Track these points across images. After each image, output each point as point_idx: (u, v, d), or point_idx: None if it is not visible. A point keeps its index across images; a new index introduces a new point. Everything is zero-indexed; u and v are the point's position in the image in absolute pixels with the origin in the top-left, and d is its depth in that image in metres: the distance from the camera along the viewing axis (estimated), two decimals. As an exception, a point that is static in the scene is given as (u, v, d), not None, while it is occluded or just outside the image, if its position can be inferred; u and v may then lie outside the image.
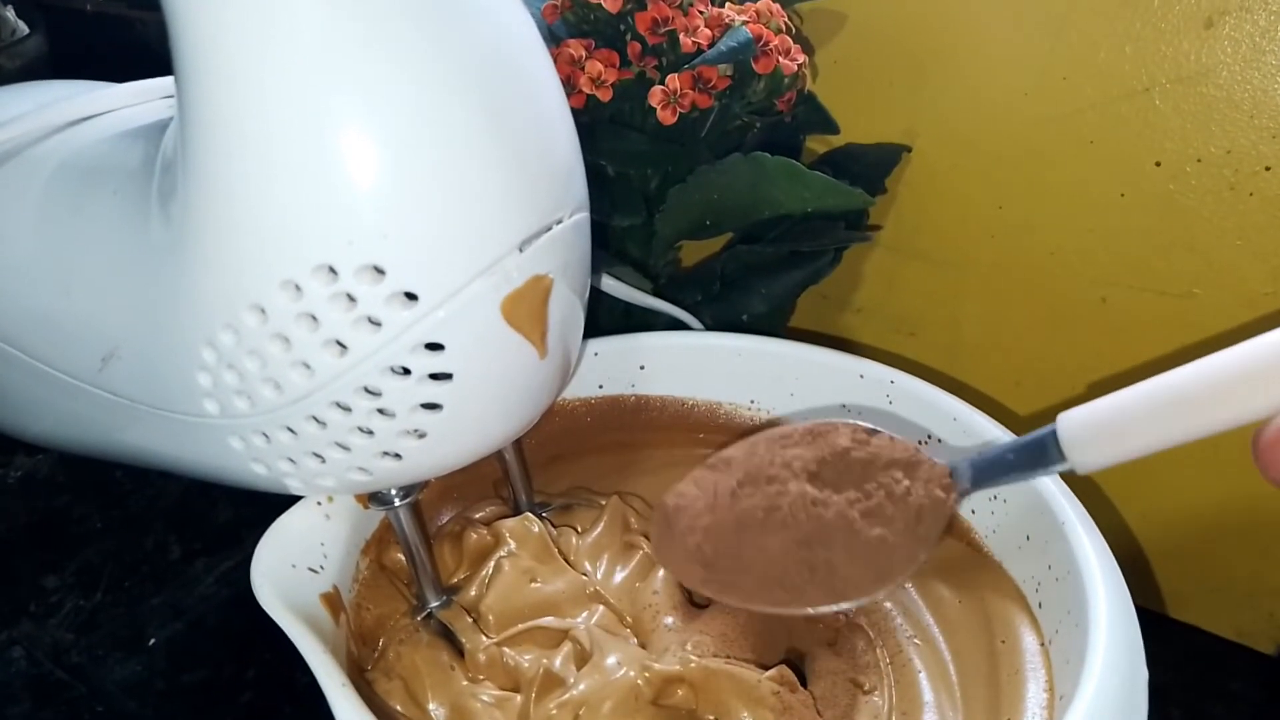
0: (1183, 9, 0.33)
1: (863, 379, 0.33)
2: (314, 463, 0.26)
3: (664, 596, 0.29)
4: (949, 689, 0.28)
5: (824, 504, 0.24)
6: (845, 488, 0.25)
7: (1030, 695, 0.26)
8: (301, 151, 0.21)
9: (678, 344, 0.36)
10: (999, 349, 0.43)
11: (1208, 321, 0.37)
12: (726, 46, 0.34)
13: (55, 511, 0.41)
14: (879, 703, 0.27)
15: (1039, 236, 0.40)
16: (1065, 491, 0.28)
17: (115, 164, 0.28)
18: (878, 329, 0.47)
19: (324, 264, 0.22)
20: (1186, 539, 0.41)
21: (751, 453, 0.26)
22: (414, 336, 0.23)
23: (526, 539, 0.30)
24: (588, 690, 0.26)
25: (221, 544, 0.39)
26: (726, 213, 0.37)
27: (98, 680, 0.34)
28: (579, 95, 0.34)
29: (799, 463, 0.25)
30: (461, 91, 0.22)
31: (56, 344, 0.29)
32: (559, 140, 0.25)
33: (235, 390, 0.24)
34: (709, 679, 0.26)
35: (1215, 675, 0.37)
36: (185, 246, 0.24)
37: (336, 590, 0.27)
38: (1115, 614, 0.24)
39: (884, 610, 0.30)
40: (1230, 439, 0.39)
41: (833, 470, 0.25)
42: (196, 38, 0.21)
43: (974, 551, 0.31)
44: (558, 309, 0.25)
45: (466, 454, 0.27)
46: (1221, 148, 0.34)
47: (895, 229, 0.44)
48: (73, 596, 0.37)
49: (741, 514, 0.25)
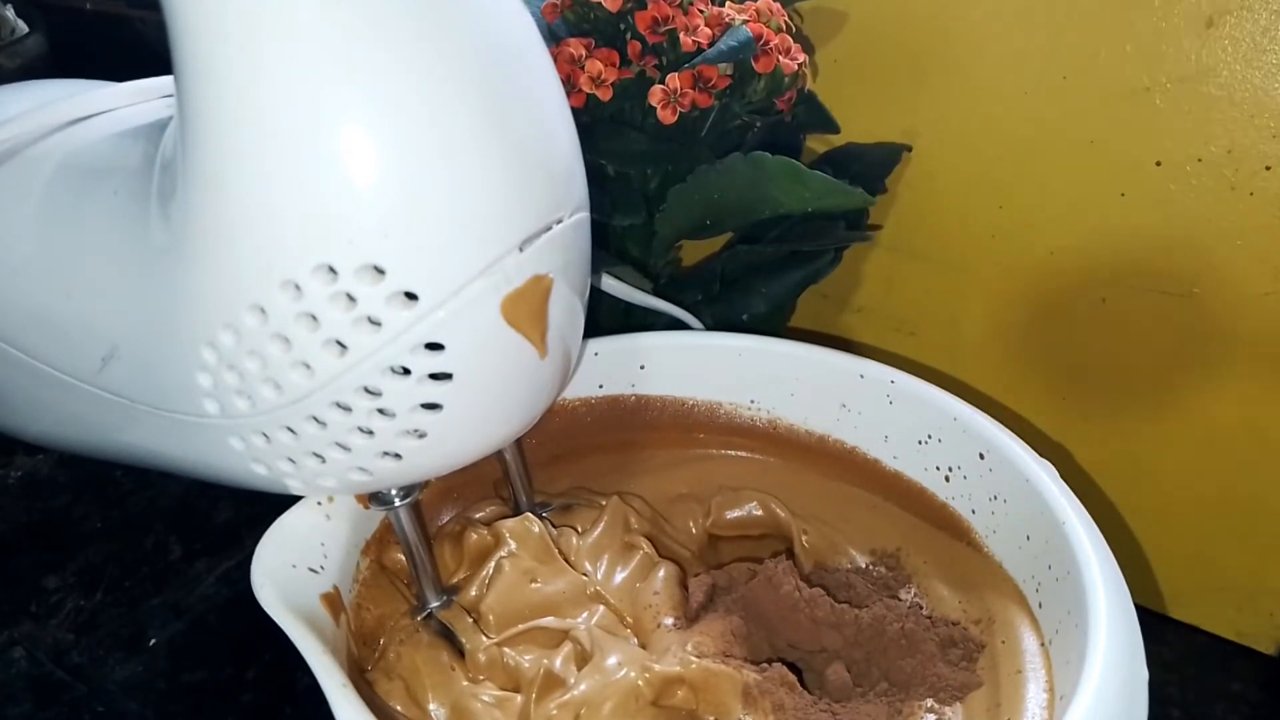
0: (1183, 9, 0.33)
1: (863, 379, 0.33)
2: (314, 463, 0.26)
3: (664, 597, 0.29)
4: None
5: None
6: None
7: (1030, 695, 0.26)
8: (301, 151, 0.21)
9: (678, 344, 0.36)
10: (999, 349, 0.43)
11: (1208, 321, 0.37)
12: (726, 46, 0.34)
13: (55, 511, 0.41)
14: (879, 703, 0.27)
15: (1039, 236, 0.40)
16: (1065, 491, 0.28)
17: (115, 164, 0.28)
18: (878, 329, 0.47)
19: (324, 264, 0.22)
20: (1186, 539, 0.41)
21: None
22: (414, 336, 0.23)
23: (527, 539, 0.30)
24: (588, 691, 0.26)
25: (222, 544, 0.40)
26: (726, 213, 0.37)
27: (98, 680, 0.34)
28: (579, 94, 0.34)
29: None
30: (461, 91, 0.22)
31: (56, 344, 0.29)
32: (559, 139, 0.25)
33: (235, 390, 0.24)
34: (709, 680, 0.26)
35: (1215, 675, 0.37)
36: (185, 246, 0.24)
37: (337, 590, 0.27)
38: (1115, 614, 0.24)
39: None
40: (1230, 438, 0.40)
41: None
42: (196, 37, 0.21)
43: (974, 551, 0.31)
44: (558, 309, 0.25)
45: (467, 454, 0.27)
46: (1222, 148, 0.34)
47: (895, 229, 0.44)
48: (73, 596, 0.37)
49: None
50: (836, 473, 0.35)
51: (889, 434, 0.34)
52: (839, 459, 0.35)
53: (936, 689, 0.27)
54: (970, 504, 0.31)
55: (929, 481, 0.33)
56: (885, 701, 0.27)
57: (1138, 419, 0.40)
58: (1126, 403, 0.40)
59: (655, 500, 0.34)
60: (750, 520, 0.33)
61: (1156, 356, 0.38)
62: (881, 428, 0.34)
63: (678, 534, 0.33)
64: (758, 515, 0.33)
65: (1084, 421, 0.42)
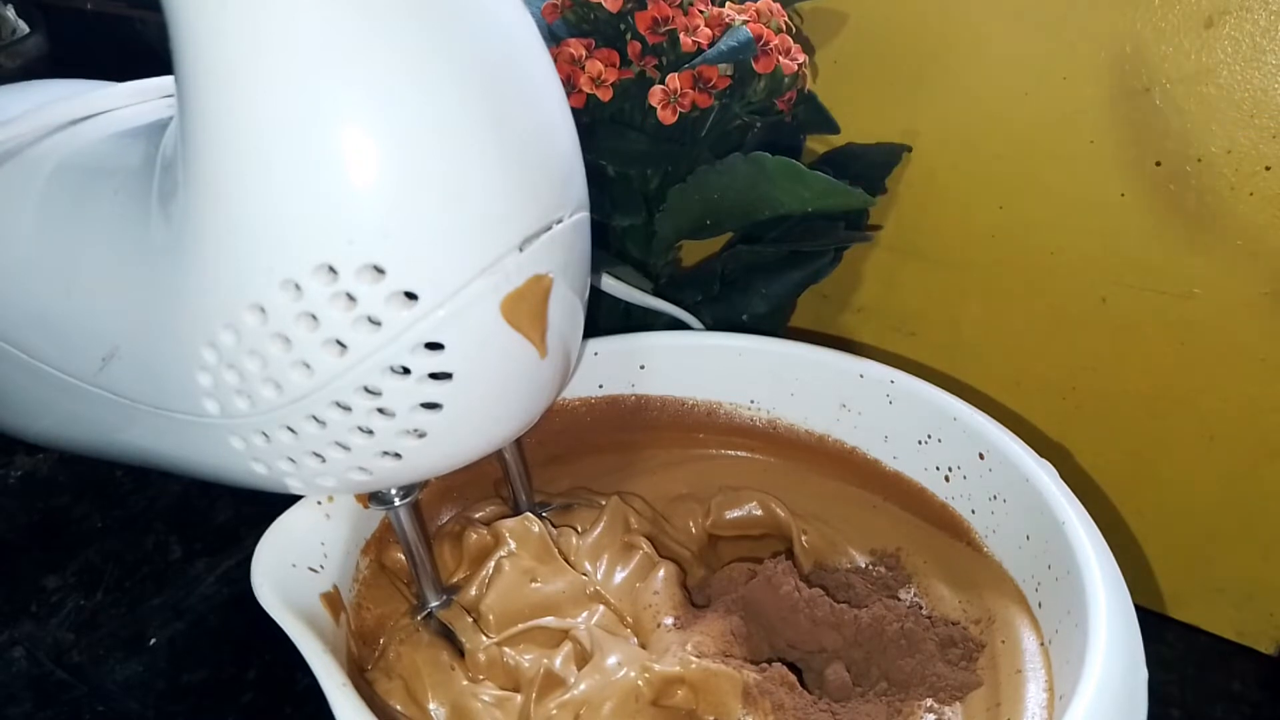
0: (1183, 9, 0.33)
1: (863, 379, 0.33)
2: (314, 462, 0.26)
3: (664, 597, 0.29)
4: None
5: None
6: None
7: (1030, 695, 0.26)
8: (302, 151, 0.21)
9: (678, 344, 0.36)
10: (999, 349, 0.43)
11: (1208, 321, 0.37)
12: (727, 46, 0.34)
13: (55, 511, 0.41)
14: (878, 703, 0.27)
15: (1039, 236, 0.40)
16: (1065, 491, 0.28)
17: (115, 164, 0.28)
18: (878, 329, 0.47)
19: (324, 263, 0.22)
20: (1186, 539, 0.41)
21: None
22: (414, 336, 0.23)
23: (527, 539, 0.30)
24: (588, 690, 0.26)
25: (222, 544, 0.40)
26: (726, 213, 0.37)
27: (98, 680, 0.34)
28: (579, 95, 0.34)
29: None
30: (461, 90, 0.22)
31: (56, 344, 0.29)
32: (559, 139, 0.25)
33: (235, 390, 0.24)
34: (709, 680, 0.26)
35: (1215, 675, 0.37)
36: (185, 246, 0.24)
37: (336, 590, 0.27)
38: (1115, 614, 0.24)
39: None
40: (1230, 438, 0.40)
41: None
42: (196, 37, 0.21)
43: (974, 551, 0.31)
44: (558, 309, 0.25)
45: (467, 454, 0.27)
46: (1221, 148, 0.34)
47: (895, 229, 0.44)
48: (73, 596, 0.37)
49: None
50: (836, 473, 0.35)
51: (889, 434, 0.34)
52: (839, 459, 0.35)
53: (936, 689, 0.27)
54: (970, 504, 0.31)
55: (929, 481, 0.33)
56: (885, 701, 0.27)
57: (1138, 419, 0.40)
58: (1126, 403, 0.40)
59: (655, 500, 0.34)
60: (750, 520, 0.33)
61: (1156, 356, 0.38)
62: (881, 428, 0.34)
63: (678, 534, 0.33)
64: (758, 515, 0.33)
65: (1084, 421, 0.42)
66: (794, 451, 0.36)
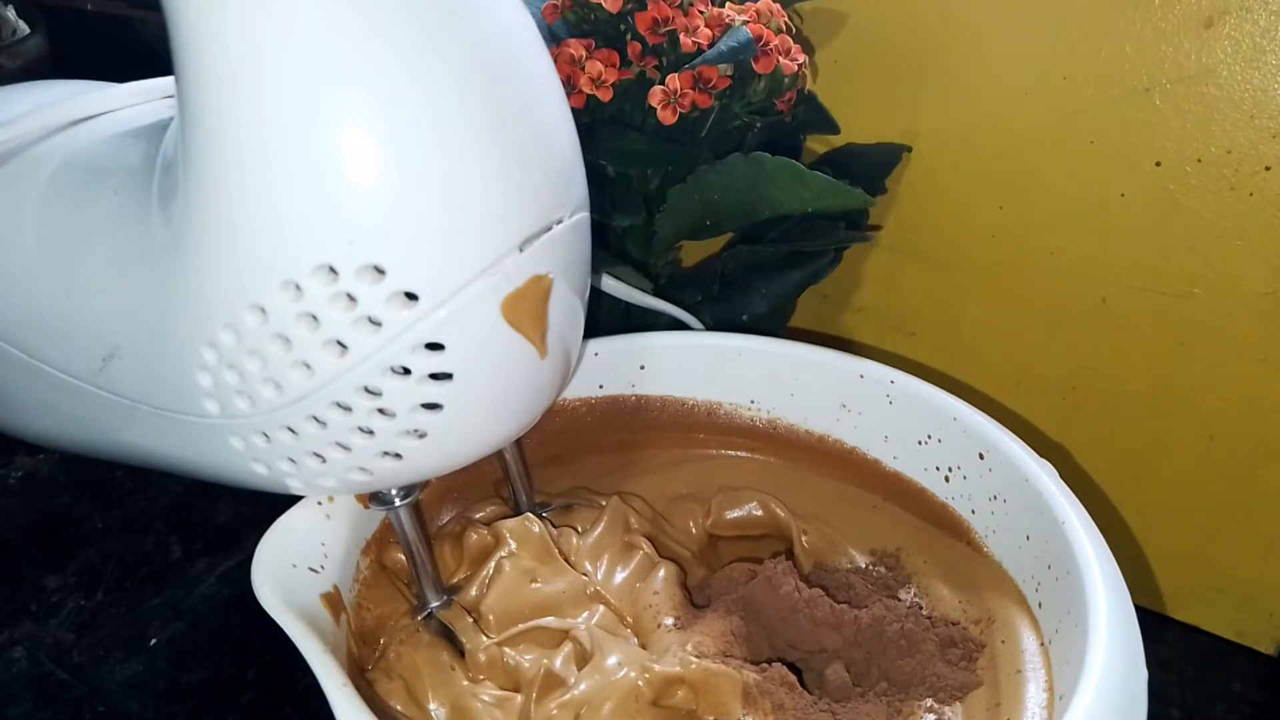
0: (1183, 9, 0.33)
1: (863, 379, 0.33)
2: (314, 462, 0.26)
3: (664, 597, 0.29)
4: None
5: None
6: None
7: (1030, 695, 0.26)
8: (302, 151, 0.21)
9: (678, 344, 0.36)
10: (999, 349, 0.43)
11: (1208, 321, 0.37)
12: (727, 46, 0.34)
13: (55, 511, 0.41)
14: (879, 703, 0.27)
15: (1039, 236, 0.40)
16: (1065, 491, 0.28)
17: (115, 164, 0.28)
18: (878, 329, 0.47)
19: (324, 264, 0.22)
20: (1186, 539, 0.41)
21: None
22: (414, 336, 0.23)
23: (527, 539, 0.30)
24: (588, 691, 0.26)
25: (222, 544, 0.40)
26: (726, 213, 0.37)
27: (98, 680, 0.34)
28: (579, 95, 0.34)
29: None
30: (462, 91, 0.22)
31: (56, 344, 0.29)
32: (559, 140, 0.25)
33: (236, 390, 0.24)
34: (709, 680, 0.26)
35: (1215, 675, 0.37)
36: (185, 246, 0.24)
37: (337, 590, 0.27)
38: (1115, 614, 0.24)
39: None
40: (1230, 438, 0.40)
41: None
42: (196, 37, 0.21)
43: (974, 551, 0.31)
44: (558, 309, 0.25)
45: (467, 454, 0.27)
46: (1221, 148, 0.34)
47: (895, 229, 0.44)
48: (73, 596, 0.37)
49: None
50: (836, 473, 0.35)
51: (889, 434, 0.34)
52: (839, 459, 0.35)
53: (936, 689, 0.27)
54: (970, 504, 0.31)
55: (929, 481, 0.33)
56: (885, 701, 0.27)
57: (1138, 419, 0.40)
58: (1126, 403, 0.40)
59: (655, 500, 0.34)
60: (750, 520, 0.33)
61: (1156, 356, 0.39)
62: (881, 428, 0.34)
63: (678, 534, 0.33)
64: (758, 515, 0.33)
65: (1084, 421, 0.42)
66: (794, 451, 0.36)
